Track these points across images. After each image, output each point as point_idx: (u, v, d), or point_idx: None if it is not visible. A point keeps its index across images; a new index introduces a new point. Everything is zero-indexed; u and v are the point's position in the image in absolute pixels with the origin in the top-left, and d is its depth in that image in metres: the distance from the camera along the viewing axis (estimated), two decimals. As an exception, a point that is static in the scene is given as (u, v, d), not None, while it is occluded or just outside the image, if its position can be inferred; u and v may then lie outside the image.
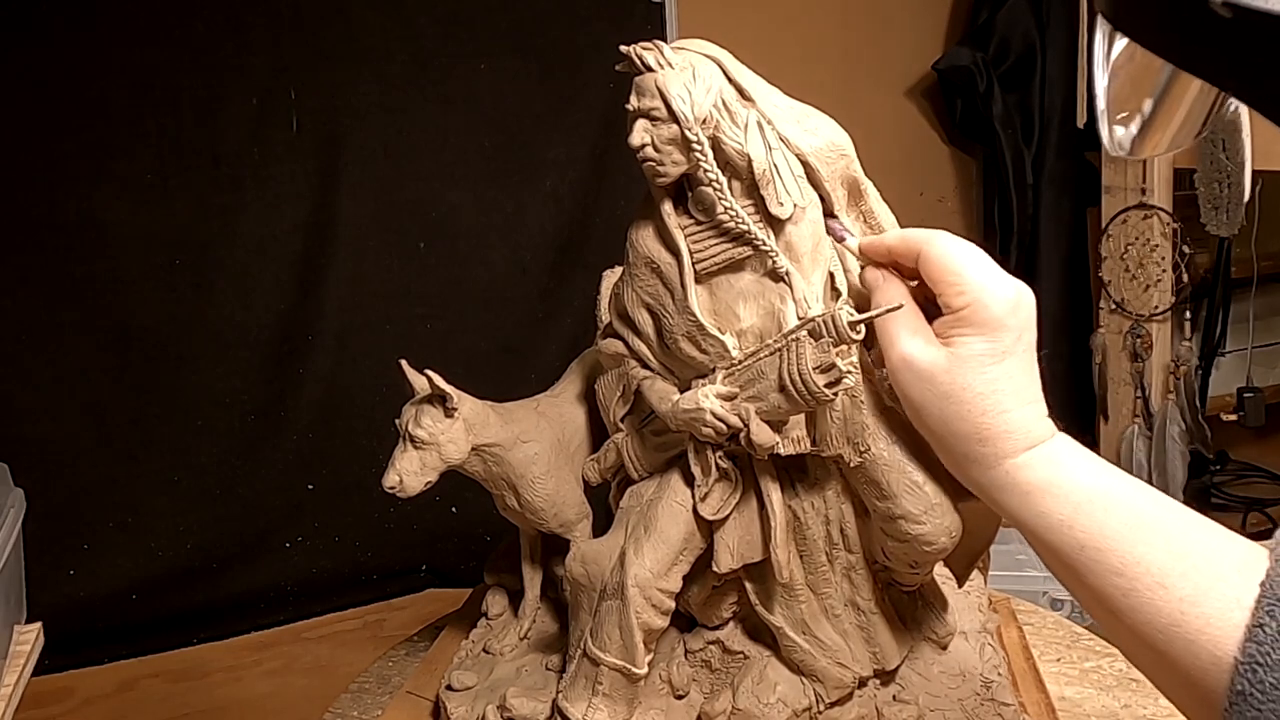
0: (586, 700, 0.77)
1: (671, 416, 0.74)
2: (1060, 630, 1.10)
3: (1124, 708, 0.95)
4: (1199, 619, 0.50)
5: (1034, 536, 0.59)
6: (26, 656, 1.09)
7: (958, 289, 0.62)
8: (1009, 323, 0.61)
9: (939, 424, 0.62)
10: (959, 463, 0.63)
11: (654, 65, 0.69)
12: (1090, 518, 0.56)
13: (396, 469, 0.84)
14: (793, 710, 0.79)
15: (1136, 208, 2.29)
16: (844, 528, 0.80)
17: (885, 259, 0.69)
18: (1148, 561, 0.53)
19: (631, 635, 0.75)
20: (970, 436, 0.61)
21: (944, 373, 0.61)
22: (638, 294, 0.77)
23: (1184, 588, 0.52)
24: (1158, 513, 0.56)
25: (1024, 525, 0.59)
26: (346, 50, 1.97)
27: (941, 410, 0.61)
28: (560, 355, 1.25)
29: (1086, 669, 1.02)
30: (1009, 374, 0.61)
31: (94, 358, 1.87)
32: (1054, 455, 0.60)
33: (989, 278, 0.62)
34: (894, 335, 0.64)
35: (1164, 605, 0.52)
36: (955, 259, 0.63)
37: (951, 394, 0.61)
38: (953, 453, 0.63)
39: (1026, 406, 0.61)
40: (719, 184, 0.70)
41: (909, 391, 0.63)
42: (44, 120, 1.80)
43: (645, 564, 0.75)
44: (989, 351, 0.61)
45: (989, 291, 0.61)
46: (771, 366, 0.69)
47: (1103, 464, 0.59)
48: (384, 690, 1.03)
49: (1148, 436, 2.35)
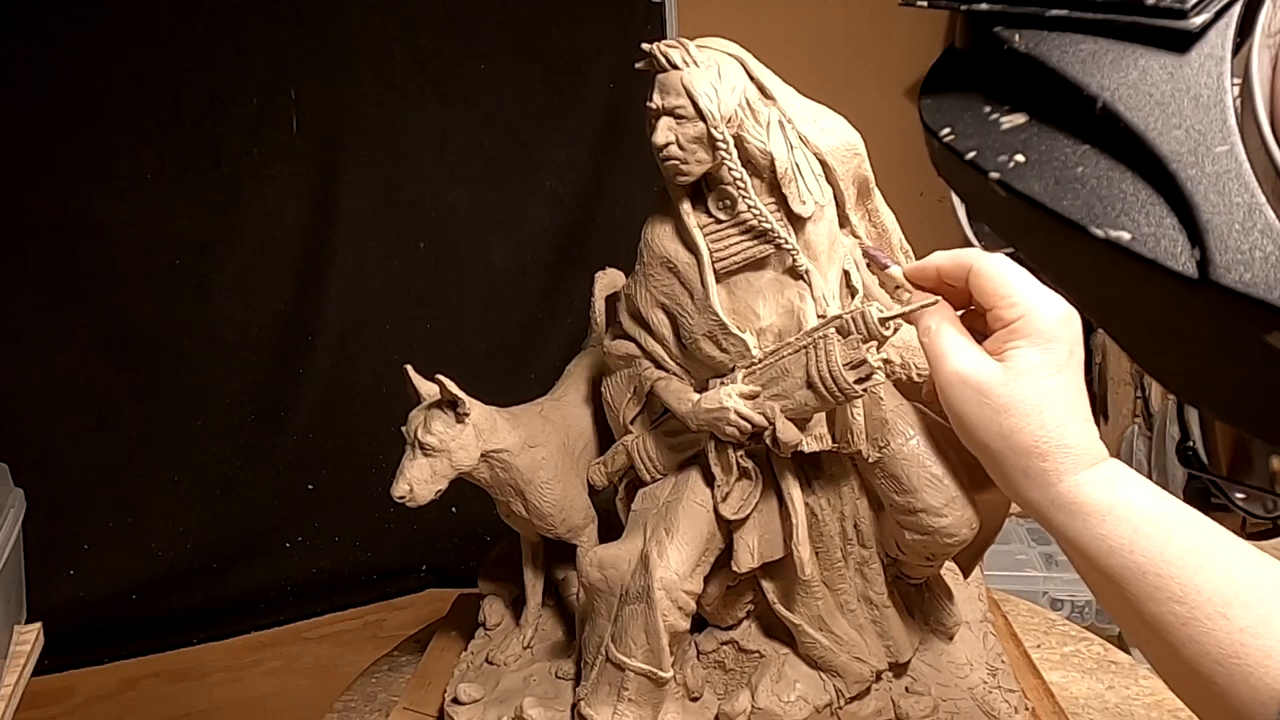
0: (612, 706, 0.76)
1: (692, 417, 0.74)
2: (1035, 617, 1.12)
3: (1108, 689, 0.97)
4: (1259, 651, 0.50)
5: (1090, 560, 0.57)
6: (26, 656, 1.08)
7: (1010, 301, 0.62)
8: (1062, 334, 0.61)
9: (996, 439, 0.61)
10: (1014, 480, 0.61)
11: (679, 63, 0.69)
12: (1151, 542, 0.55)
13: (406, 478, 0.82)
14: (814, 707, 0.79)
15: (1135, 208, 2.29)
16: (858, 523, 0.80)
17: (934, 283, 0.68)
18: (1209, 589, 0.52)
19: (658, 638, 0.74)
20: (1030, 451, 0.60)
21: (1001, 385, 0.61)
22: (652, 294, 0.77)
23: (1245, 618, 0.51)
24: (1216, 540, 0.55)
25: (1082, 548, 0.58)
26: (346, 50, 1.96)
27: (999, 425, 0.60)
28: (560, 355, 1.25)
29: (1066, 653, 1.04)
30: (1064, 387, 0.60)
31: (94, 358, 1.86)
32: (1113, 476, 0.59)
33: (1040, 291, 0.62)
34: (944, 352, 0.63)
35: (1225, 636, 0.51)
36: (1007, 273, 0.63)
37: (1009, 407, 0.60)
38: (1008, 469, 0.61)
39: (1083, 423, 0.60)
40: (743, 182, 0.70)
41: (963, 408, 0.62)
42: (44, 120, 1.79)
43: (670, 566, 0.75)
44: (1044, 363, 0.60)
45: (1041, 303, 0.61)
46: (796, 364, 0.69)
47: (1157, 489, 0.59)
48: (371, 707, 1.01)
49: (1148, 436, 2.36)
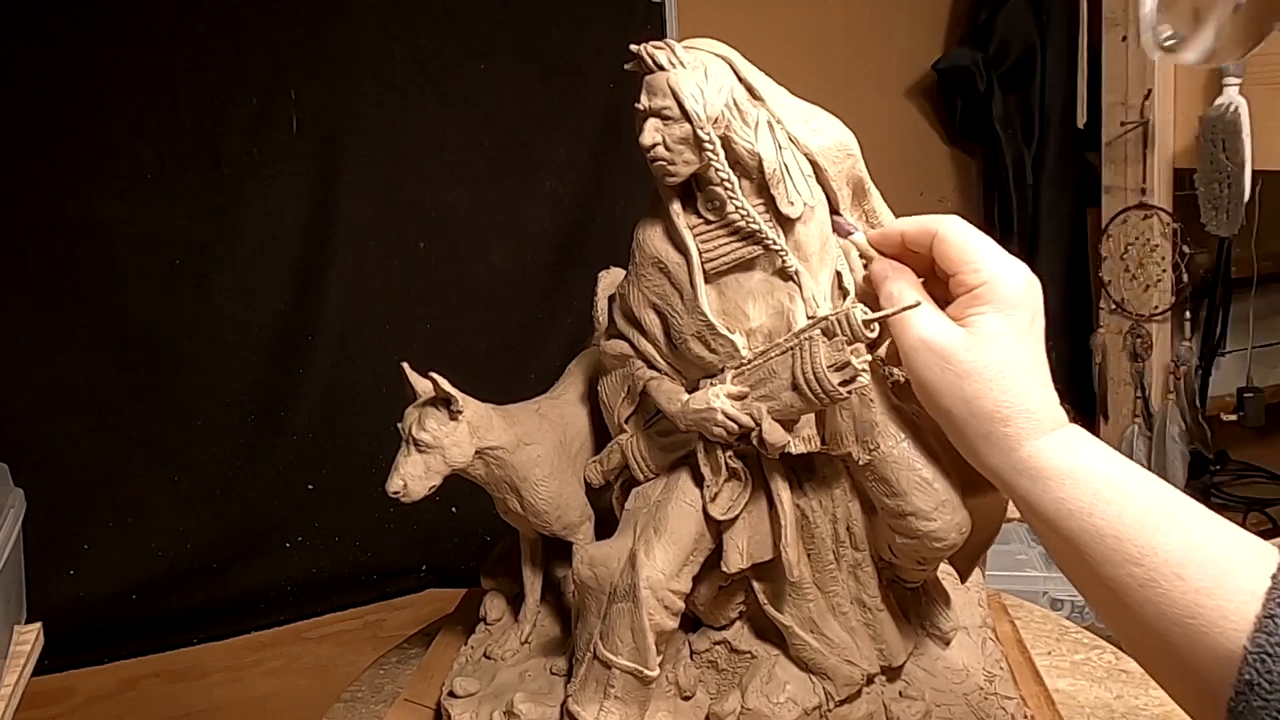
0: (598, 703, 0.76)
1: (681, 417, 0.74)
2: (1048, 624, 1.11)
3: (1116, 698, 0.96)
4: (1214, 611, 0.50)
5: (1050, 524, 0.58)
6: (26, 656, 1.09)
7: (973, 266, 0.62)
8: (1024, 300, 0.62)
9: (958, 404, 0.61)
10: (976, 446, 0.62)
11: (665, 64, 0.69)
12: (1110, 505, 0.56)
13: (400, 473, 0.83)
14: (803, 709, 0.79)
15: (1136, 208, 2.29)
16: (850, 526, 0.80)
17: (897, 249, 0.68)
18: (1166, 551, 0.53)
19: (644, 637, 0.75)
20: (992, 416, 0.60)
21: (964, 351, 0.61)
22: (644, 294, 0.77)
23: (1201, 579, 0.52)
24: (1173, 503, 0.56)
25: (1041, 512, 0.58)
26: (346, 50, 1.97)
27: (961, 390, 0.61)
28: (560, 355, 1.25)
29: (1077, 661, 1.03)
30: (1027, 353, 0.61)
31: (94, 358, 1.87)
32: (1073, 441, 0.60)
33: (1003, 257, 0.63)
34: (908, 319, 0.64)
35: (1180, 596, 0.52)
36: (971, 239, 0.64)
37: (971, 372, 0.60)
38: (971, 435, 0.62)
39: (1044, 388, 0.61)
40: (730, 183, 0.70)
41: (926, 374, 0.63)
42: (44, 120, 1.79)
43: (657, 565, 0.75)
44: (1006, 329, 0.61)
45: (1005, 269, 0.62)
46: (783, 365, 0.69)
47: (1115, 453, 0.59)
48: (378, 699, 1.02)
49: (1148, 436, 2.36)
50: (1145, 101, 2.23)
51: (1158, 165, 2.24)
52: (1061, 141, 2.52)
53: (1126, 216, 2.31)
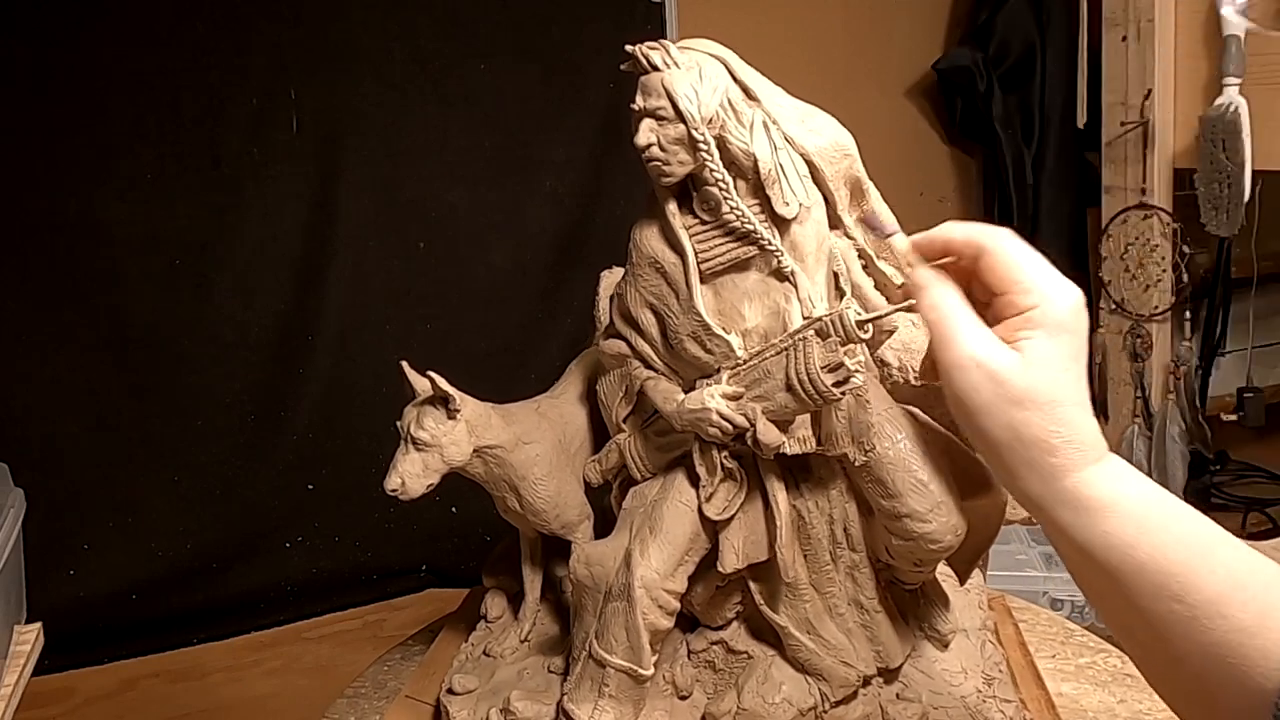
0: (593, 702, 0.77)
1: (676, 416, 0.74)
2: (1054, 627, 1.10)
3: (1120, 703, 0.95)
4: (1256, 651, 0.50)
5: (1089, 555, 0.56)
6: (26, 656, 1.08)
7: (1024, 287, 0.60)
8: (1074, 325, 0.59)
9: (1003, 429, 0.58)
10: (1018, 471, 0.59)
11: (660, 65, 0.69)
12: (1154, 539, 0.54)
13: (399, 471, 0.83)
14: (798, 709, 0.79)
15: (1136, 208, 2.29)
16: (847, 527, 0.80)
17: (940, 255, 0.65)
18: (1210, 589, 0.52)
19: (638, 636, 0.75)
20: (1039, 444, 0.57)
21: (1019, 375, 0.58)
22: (641, 294, 0.77)
23: (1244, 618, 0.51)
24: (1217, 540, 0.55)
25: (1083, 544, 0.56)
26: (346, 50, 1.97)
27: (1009, 415, 0.58)
28: (560, 355, 1.25)
29: (1081, 664, 1.03)
30: (1075, 382, 0.58)
31: (94, 358, 1.87)
32: (1117, 473, 0.58)
33: (1055, 279, 0.61)
34: (956, 333, 0.60)
35: (1223, 636, 0.51)
36: (1023, 259, 0.61)
37: (1024, 399, 0.57)
38: (1013, 461, 0.59)
39: (1089, 418, 0.59)
40: (725, 184, 0.70)
41: (974, 395, 0.59)
42: (44, 120, 1.79)
43: (651, 565, 0.75)
44: (1057, 355, 0.58)
45: (1057, 292, 0.60)
46: (778, 366, 0.69)
47: (1154, 484, 0.58)
48: (381, 695, 1.03)
49: (1148, 436, 2.35)
50: (1145, 101, 2.23)
51: (1158, 165, 2.24)
52: (1061, 141, 2.52)
53: (1126, 216, 2.31)
